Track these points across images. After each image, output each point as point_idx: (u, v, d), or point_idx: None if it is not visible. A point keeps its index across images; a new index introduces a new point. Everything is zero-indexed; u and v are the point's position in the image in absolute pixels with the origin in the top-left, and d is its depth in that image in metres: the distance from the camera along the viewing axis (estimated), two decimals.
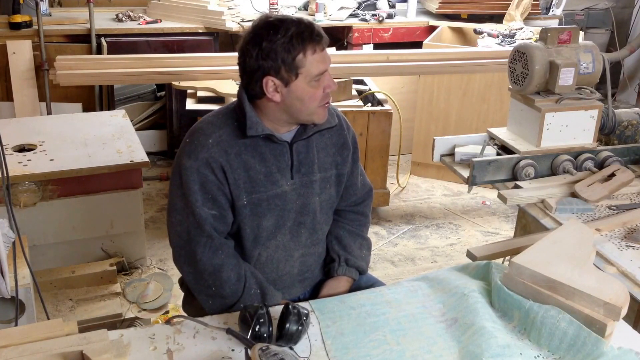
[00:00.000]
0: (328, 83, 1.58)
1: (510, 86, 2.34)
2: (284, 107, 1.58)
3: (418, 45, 4.25)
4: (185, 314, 1.85)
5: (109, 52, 3.87)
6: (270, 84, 1.54)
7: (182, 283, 1.88)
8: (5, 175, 1.74)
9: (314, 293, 1.84)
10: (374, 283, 1.85)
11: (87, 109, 4.03)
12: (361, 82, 3.78)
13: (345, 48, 4.56)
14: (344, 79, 3.52)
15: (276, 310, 1.42)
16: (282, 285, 1.77)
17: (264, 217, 1.65)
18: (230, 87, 3.34)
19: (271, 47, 1.50)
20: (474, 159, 2.20)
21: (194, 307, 1.80)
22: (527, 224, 2.16)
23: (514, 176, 2.23)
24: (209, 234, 1.61)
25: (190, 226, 1.61)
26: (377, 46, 4.47)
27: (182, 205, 1.62)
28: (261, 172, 1.62)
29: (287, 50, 1.50)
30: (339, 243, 1.83)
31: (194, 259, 1.63)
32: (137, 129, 3.64)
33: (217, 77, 3.40)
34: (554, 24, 4.64)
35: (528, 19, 4.51)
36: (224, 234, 1.66)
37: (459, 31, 4.58)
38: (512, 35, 4.15)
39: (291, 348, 1.38)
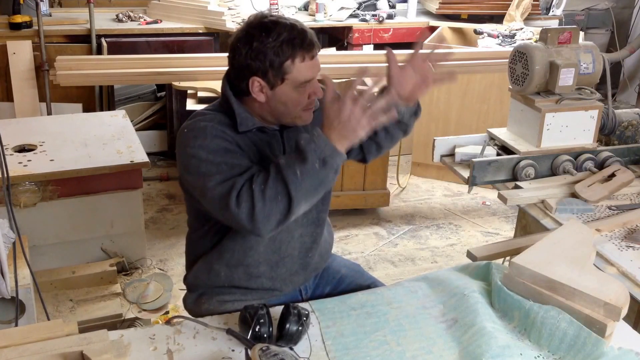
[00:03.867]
0: (314, 89, 1.58)
1: (511, 86, 2.34)
2: (267, 108, 1.59)
3: None
4: (185, 314, 1.85)
5: (109, 53, 3.87)
6: (256, 84, 1.54)
7: (185, 279, 1.88)
8: (5, 175, 1.74)
9: (315, 293, 1.84)
10: (374, 283, 1.85)
11: (87, 109, 4.03)
12: (361, 83, 3.78)
13: (346, 48, 4.57)
14: (344, 79, 3.52)
15: (276, 311, 1.43)
16: (285, 270, 1.75)
17: None
18: None
19: (261, 49, 1.51)
20: (474, 159, 2.20)
21: (195, 306, 1.80)
22: (527, 225, 2.16)
23: (514, 176, 2.23)
24: (247, 178, 1.49)
25: (229, 182, 1.47)
26: (378, 46, 4.47)
27: (215, 175, 1.49)
28: (258, 155, 1.62)
29: (277, 54, 1.50)
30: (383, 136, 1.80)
31: (240, 206, 1.46)
32: (137, 129, 3.64)
33: (217, 78, 3.40)
34: (554, 24, 4.64)
35: (528, 19, 4.52)
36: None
37: (459, 31, 4.58)
38: (512, 36, 4.16)
39: (291, 348, 1.38)
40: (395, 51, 1.83)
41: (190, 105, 3.38)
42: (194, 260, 1.79)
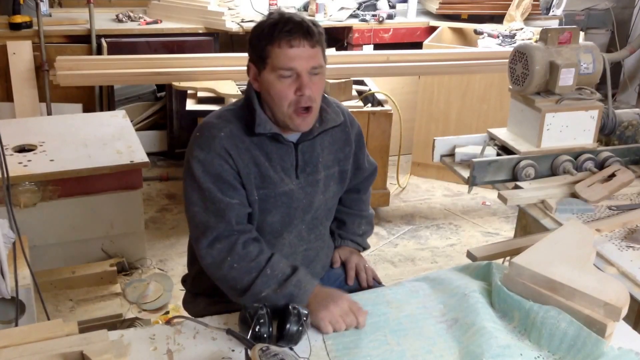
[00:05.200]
0: (300, 85, 1.55)
1: (511, 87, 2.34)
2: (263, 98, 1.61)
3: (418, 45, 4.25)
4: (185, 314, 1.85)
5: (109, 53, 3.87)
6: (251, 70, 1.62)
7: (185, 281, 1.88)
8: (5, 175, 1.74)
9: None
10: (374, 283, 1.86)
11: (87, 109, 4.02)
12: (361, 83, 3.78)
13: (346, 48, 4.56)
14: (344, 80, 3.52)
15: (276, 311, 1.42)
16: None
17: (269, 213, 1.65)
18: (230, 88, 3.33)
19: (253, 34, 1.59)
20: (474, 160, 2.20)
21: (195, 306, 1.80)
22: (527, 225, 2.16)
23: (514, 176, 2.23)
24: (228, 221, 1.57)
25: (209, 214, 1.58)
26: (377, 47, 4.47)
27: (198, 196, 1.59)
28: (269, 168, 1.62)
29: (259, 38, 1.56)
30: (338, 224, 1.93)
31: (214, 247, 1.58)
32: (137, 130, 3.64)
33: (217, 78, 3.40)
34: (554, 24, 4.64)
35: (528, 19, 4.51)
36: (244, 222, 1.62)
37: (459, 31, 4.58)
38: (513, 36, 4.16)
39: (291, 349, 1.38)
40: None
41: (190, 105, 3.38)
42: (194, 263, 1.79)
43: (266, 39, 1.54)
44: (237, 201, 1.58)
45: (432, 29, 4.55)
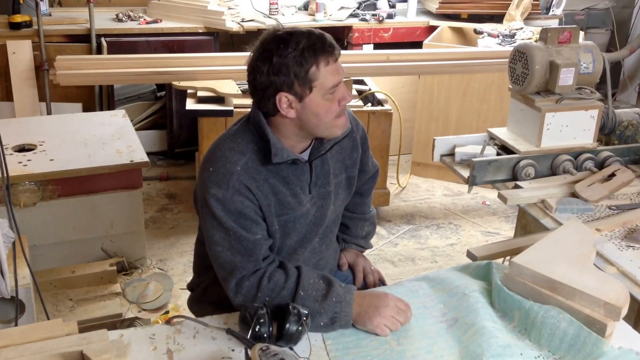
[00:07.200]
0: (343, 95, 1.53)
1: (511, 86, 2.34)
2: (299, 122, 1.52)
3: (418, 45, 4.25)
4: (185, 314, 1.85)
5: (109, 52, 3.87)
6: (283, 100, 1.48)
7: (192, 289, 1.87)
8: (5, 175, 1.74)
9: None
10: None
11: (87, 109, 4.02)
12: (361, 82, 3.78)
13: (345, 48, 4.56)
14: (344, 79, 3.52)
15: (276, 311, 1.42)
16: None
17: (289, 237, 1.63)
18: (230, 87, 3.33)
19: (282, 62, 1.44)
20: (474, 159, 2.20)
21: (201, 307, 1.79)
22: (527, 224, 2.16)
23: (514, 176, 2.23)
24: (256, 259, 1.53)
25: (235, 254, 1.52)
26: (377, 46, 4.47)
27: (221, 235, 1.52)
28: (287, 194, 1.58)
29: (300, 63, 1.44)
30: (342, 227, 1.90)
31: (242, 286, 1.53)
32: (137, 129, 3.64)
33: (217, 77, 3.40)
34: (554, 23, 4.63)
35: (528, 18, 4.51)
36: (267, 254, 1.58)
37: (459, 31, 4.58)
38: (512, 35, 4.15)
39: (291, 348, 1.38)
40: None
41: (190, 105, 3.37)
42: (203, 273, 1.78)
43: (308, 62, 1.45)
44: (260, 236, 1.53)
45: (432, 28, 4.55)
